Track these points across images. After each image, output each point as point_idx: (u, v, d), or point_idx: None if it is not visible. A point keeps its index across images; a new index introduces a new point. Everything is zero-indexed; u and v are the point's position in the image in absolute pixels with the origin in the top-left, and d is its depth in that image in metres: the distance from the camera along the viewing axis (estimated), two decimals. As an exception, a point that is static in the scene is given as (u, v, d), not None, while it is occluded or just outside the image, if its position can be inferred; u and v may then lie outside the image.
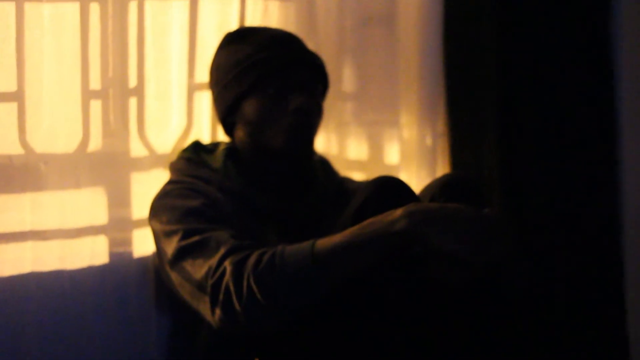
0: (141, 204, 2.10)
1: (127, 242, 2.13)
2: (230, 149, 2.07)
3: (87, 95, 2.04)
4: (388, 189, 1.79)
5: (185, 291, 1.81)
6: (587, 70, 2.65)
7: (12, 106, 1.95)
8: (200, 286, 1.76)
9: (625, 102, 2.67)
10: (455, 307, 1.78)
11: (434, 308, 1.77)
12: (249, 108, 2.00)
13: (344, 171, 2.41)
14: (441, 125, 2.65)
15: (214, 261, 1.74)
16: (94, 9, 2.04)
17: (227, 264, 1.71)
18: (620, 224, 2.68)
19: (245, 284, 1.68)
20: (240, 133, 2.05)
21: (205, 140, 2.24)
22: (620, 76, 2.67)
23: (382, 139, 2.61)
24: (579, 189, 2.65)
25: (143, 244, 2.12)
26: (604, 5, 2.64)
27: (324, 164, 2.23)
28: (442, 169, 2.65)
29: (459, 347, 1.80)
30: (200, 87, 2.24)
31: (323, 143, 2.50)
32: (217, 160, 2.04)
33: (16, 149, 1.96)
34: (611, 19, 2.67)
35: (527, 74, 2.62)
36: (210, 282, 1.72)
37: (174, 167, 2.06)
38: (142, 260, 2.13)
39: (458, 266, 1.67)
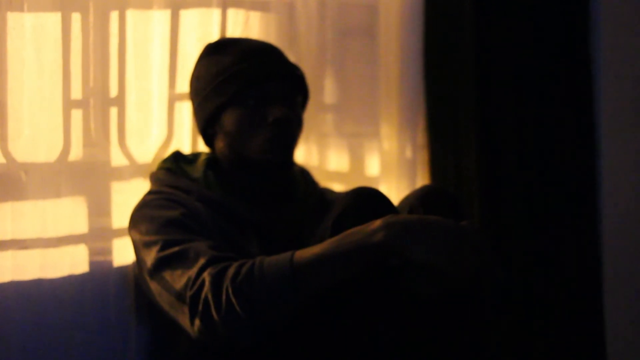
0: (121, 214, 2.11)
1: (107, 251, 2.13)
2: (211, 159, 2.07)
3: (68, 104, 2.04)
4: (366, 199, 1.80)
5: (164, 301, 1.81)
6: (567, 81, 2.68)
7: (-6, 115, 1.95)
8: (179, 296, 1.75)
9: (604, 111, 2.70)
10: (432, 319, 1.79)
11: (411, 320, 1.78)
12: (229, 119, 2.01)
13: (324, 182, 2.41)
14: (421, 137, 2.66)
15: (193, 272, 1.74)
16: (76, 19, 2.04)
17: (206, 275, 1.71)
18: (599, 233, 2.71)
19: (224, 295, 1.68)
20: (220, 144, 2.06)
21: (186, 150, 2.24)
22: (600, 83, 2.70)
23: (362, 150, 2.61)
24: (558, 200, 2.67)
25: (123, 253, 2.12)
26: (582, 21, 2.67)
27: (304, 175, 2.23)
28: (422, 180, 2.66)
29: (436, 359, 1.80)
30: (181, 97, 2.24)
31: (303, 154, 2.50)
32: (198, 170, 2.04)
33: (-3, 158, 1.96)
34: (590, 31, 2.70)
35: (507, 85, 2.63)
36: (189, 293, 1.72)
37: (154, 178, 2.06)
38: (122, 269, 2.13)
39: (436, 278, 1.67)
